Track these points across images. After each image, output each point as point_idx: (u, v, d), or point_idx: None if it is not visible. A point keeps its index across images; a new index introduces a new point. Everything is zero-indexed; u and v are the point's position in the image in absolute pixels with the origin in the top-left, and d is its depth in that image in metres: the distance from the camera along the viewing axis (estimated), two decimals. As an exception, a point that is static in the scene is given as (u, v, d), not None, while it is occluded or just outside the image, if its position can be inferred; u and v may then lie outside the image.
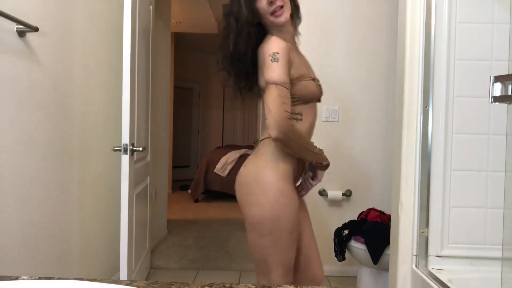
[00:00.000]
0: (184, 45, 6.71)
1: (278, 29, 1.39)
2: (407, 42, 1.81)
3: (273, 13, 1.35)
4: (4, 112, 1.39)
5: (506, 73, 1.37)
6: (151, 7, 2.63)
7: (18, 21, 1.40)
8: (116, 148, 1.97)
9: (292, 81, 1.35)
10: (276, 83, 1.27)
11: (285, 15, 1.36)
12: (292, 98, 1.33)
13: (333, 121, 2.80)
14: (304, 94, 1.39)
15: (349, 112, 2.82)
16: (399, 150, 1.85)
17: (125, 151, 1.92)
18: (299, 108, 1.41)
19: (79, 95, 1.99)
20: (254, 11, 1.36)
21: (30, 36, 1.53)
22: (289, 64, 1.33)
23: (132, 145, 1.99)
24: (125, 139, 1.92)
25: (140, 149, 2.03)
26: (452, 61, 1.76)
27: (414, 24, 1.80)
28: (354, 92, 2.81)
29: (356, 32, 2.80)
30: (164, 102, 3.61)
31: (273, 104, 1.25)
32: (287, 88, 1.30)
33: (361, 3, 2.79)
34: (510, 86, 1.26)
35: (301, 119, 1.41)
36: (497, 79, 1.28)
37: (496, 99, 1.29)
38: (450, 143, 1.77)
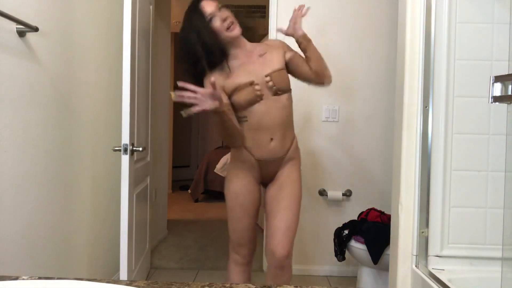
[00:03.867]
0: (184, 45, 6.70)
1: (232, 43, 1.68)
2: (407, 42, 1.81)
3: (228, 28, 1.63)
4: (4, 112, 1.39)
5: (506, 73, 1.37)
6: (151, 7, 2.63)
7: (18, 21, 1.40)
8: (116, 148, 1.97)
9: (230, 94, 1.66)
10: None
11: (237, 30, 1.65)
12: (236, 106, 1.66)
13: (333, 121, 2.80)
14: (240, 103, 1.66)
15: (349, 112, 2.82)
16: (399, 150, 1.85)
17: (125, 151, 1.92)
18: (244, 112, 1.68)
19: (79, 95, 1.99)
20: (212, 32, 1.63)
21: (30, 36, 1.53)
22: (222, 92, 1.63)
23: (132, 145, 1.99)
24: (125, 139, 1.93)
25: (140, 149, 2.03)
26: (452, 61, 1.76)
27: (414, 24, 1.80)
28: (354, 92, 2.81)
29: (356, 32, 2.80)
30: (164, 102, 3.61)
31: None
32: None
33: (361, 3, 2.79)
34: (510, 86, 1.26)
35: (246, 120, 1.69)
36: (497, 79, 1.28)
37: (496, 99, 1.29)
38: (450, 143, 1.76)
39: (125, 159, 1.92)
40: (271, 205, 1.74)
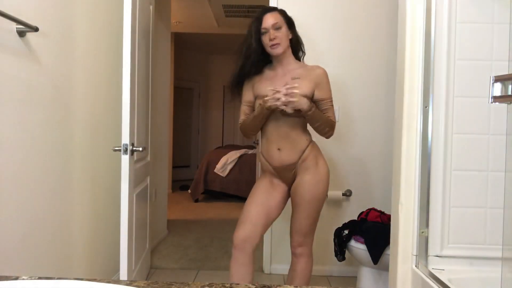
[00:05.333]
0: (184, 45, 6.71)
1: (275, 57, 1.95)
2: (407, 42, 1.81)
3: (271, 46, 1.88)
4: (4, 112, 1.39)
5: (506, 73, 1.37)
6: (151, 7, 2.63)
7: (18, 21, 1.40)
8: (116, 148, 1.97)
9: (256, 96, 1.96)
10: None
11: (279, 50, 1.89)
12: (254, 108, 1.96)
13: (333, 121, 2.80)
14: (256, 108, 1.94)
15: (349, 112, 2.81)
16: (399, 150, 1.85)
17: (125, 151, 1.92)
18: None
19: (79, 95, 1.99)
20: (260, 44, 1.91)
21: (30, 36, 1.53)
22: (249, 90, 1.99)
23: (132, 145, 2.00)
24: (125, 139, 1.93)
25: (140, 149, 2.03)
26: (452, 61, 1.76)
27: (414, 24, 1.79)
28: (354, 92, 2.81)
29: (356, 32, 2.80)
30: (164, 102, 3.61)
31: None
32: (244, 105, 2.02)
33: (361, 3, 2.79)
34: (510, 86, 1.26)
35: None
36: (497, 79, 1.28)
37: (496, 99, 1.30)
38: (450, 143, 1.76)
39: (125, 159, 1.92)
40: (292, 207, 2.02)
